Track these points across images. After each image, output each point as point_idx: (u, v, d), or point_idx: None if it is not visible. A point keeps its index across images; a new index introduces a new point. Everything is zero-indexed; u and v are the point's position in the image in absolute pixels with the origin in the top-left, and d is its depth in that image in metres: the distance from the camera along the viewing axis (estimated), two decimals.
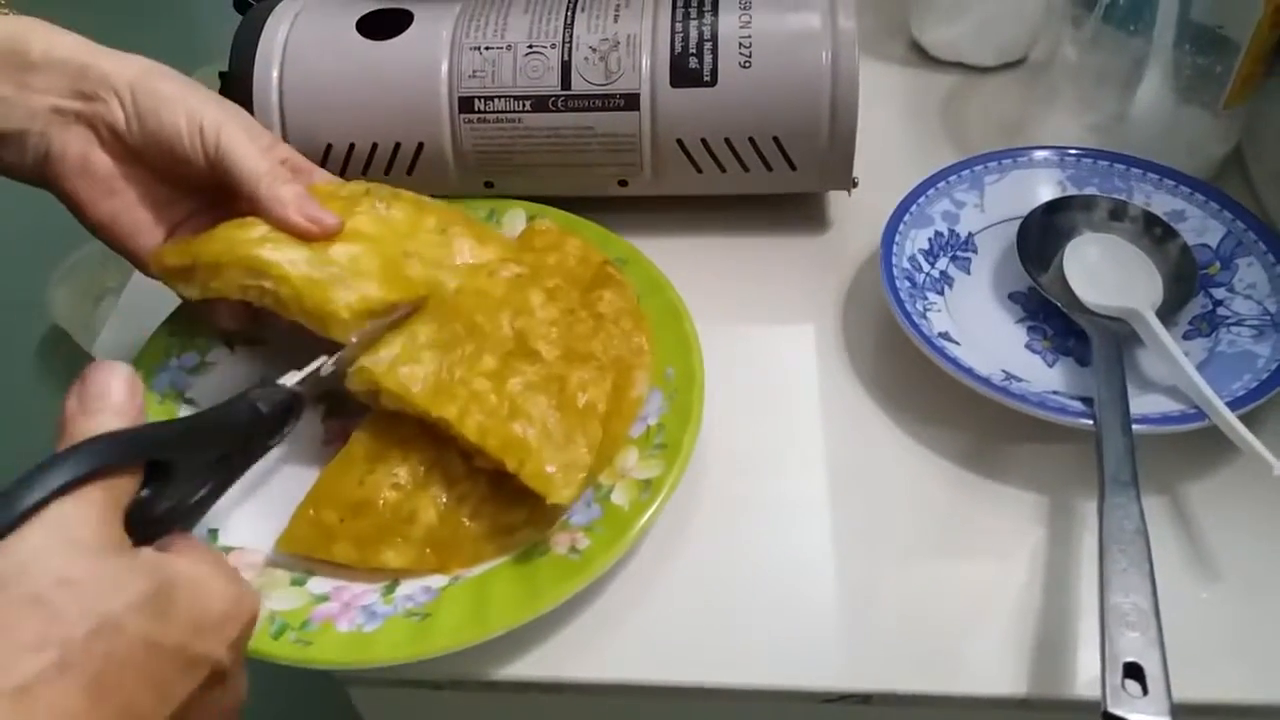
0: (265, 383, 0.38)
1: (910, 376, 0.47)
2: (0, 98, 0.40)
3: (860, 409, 0.47)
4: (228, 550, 0.41)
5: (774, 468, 0.45)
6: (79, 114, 0.41)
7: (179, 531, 0.32)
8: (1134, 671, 0.32)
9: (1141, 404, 0.42)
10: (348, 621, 0.38)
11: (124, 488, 0.28)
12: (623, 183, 0.53)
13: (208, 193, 0.44)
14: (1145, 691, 0.31)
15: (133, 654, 0.25)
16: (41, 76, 0.41)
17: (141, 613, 0.25)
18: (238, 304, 0.44)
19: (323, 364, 0.41)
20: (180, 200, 0.45)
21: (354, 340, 0.42)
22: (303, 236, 0.42)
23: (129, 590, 0.26)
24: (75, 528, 0.26)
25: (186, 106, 0.42)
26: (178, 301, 0.49)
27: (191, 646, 0.26)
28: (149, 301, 0.50)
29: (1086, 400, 0.43)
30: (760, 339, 0.51)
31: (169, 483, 0.31)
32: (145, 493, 0.30)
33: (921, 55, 0.66)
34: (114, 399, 0.29)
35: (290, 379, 0.39)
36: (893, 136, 0.60)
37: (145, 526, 0.29)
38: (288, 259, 0.42)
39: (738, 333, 0.50)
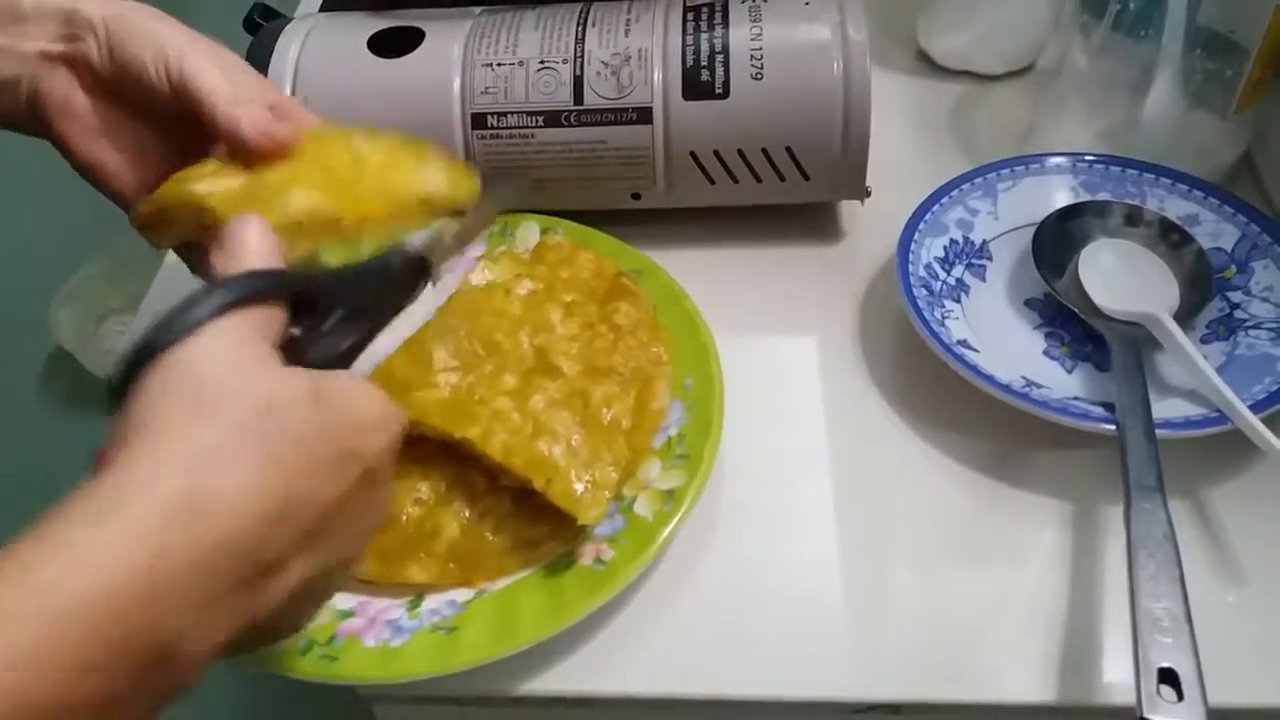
0: (393, 247, 0.38)
1: (928, 384, 0.47)
2: None
3: (878, 417, 0.47)
4: None
5: (793, 477, 0.45)
6: (62, 55, 0.41)
7: None
8: (1168, 677, 0.31)
9: (1162, 408, 0.42)
10: (374, 637, 0.38)
11: (273, 321, 0.29)
12: (636, 195, 0.53)
13: (191, 135, 0.42)
14: (1180, 697, 0.31)
15: (299, 435, 0.27)
16: (33, 25, 0.41)
17: (304, 404, 0.27)
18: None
19: (444, 225, 0.39)
20: (165, 144, 0.43)
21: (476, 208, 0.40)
22: (257, 151, 0.40)
23: (291, 384, 0.28)
24: (234, 343, 0.27)
25: (154, 36, 0.41)
26: None
27: (347, 441, 0.28)
28: None
29: (1107, 405, 0.43)
30: (776, 348, 0.51)
31: (314, 327, 0.32)
32: (295, 332, 0.31)
33: (929, 64, 0.66)
34: (253, 246, 0.31)
35: (415, 240, 0.38)
36: (902, 145, 0.60)
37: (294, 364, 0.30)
38: (219, 188, 0.38)
39: (753, 342, 0.50)
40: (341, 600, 0.40)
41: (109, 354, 1.47)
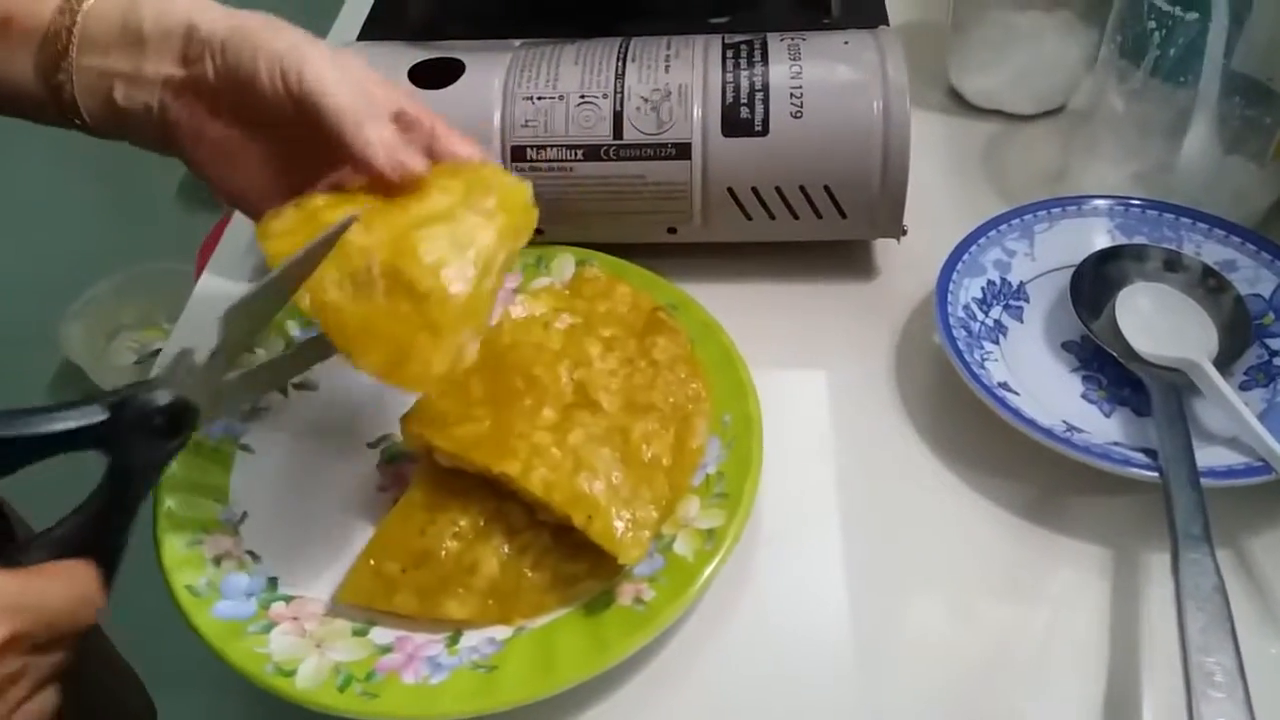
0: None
1: (964, 424, 0.47)
2: (122, 75, 0.39)
3: (914, 456, 0.47)
4: (288, 599, 0.40)
5: (830, 517, 0.45)
6: (184, 81, 0.40)
7: None
8: None
9: (1203, 456, 0.42)
10: (413, 673, 0.38)
11: None
12: (672, 230, 0.53)
13: (321, 150, 0.40)
14: None
15: None
16: (153, 49, 0.39)
17: None
18: None
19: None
20: (299, 162, 0.41)
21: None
22: (387, 186, 0.39)
23: None
24: None
25: (269, 49, 0.38)
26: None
27: None
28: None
29: (1146, 450, 0.43)
30: (810, 385, 0.51)
31: None
32: None
33: (961, 103, 0.66)
34: None
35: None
36: (934, 183, 0.60)
37: None
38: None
39: (787, 378, 0.50)
40: (379, 635, 0.39)
41: (119, 369, 1.47)
